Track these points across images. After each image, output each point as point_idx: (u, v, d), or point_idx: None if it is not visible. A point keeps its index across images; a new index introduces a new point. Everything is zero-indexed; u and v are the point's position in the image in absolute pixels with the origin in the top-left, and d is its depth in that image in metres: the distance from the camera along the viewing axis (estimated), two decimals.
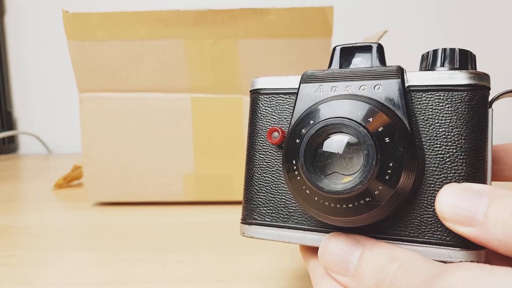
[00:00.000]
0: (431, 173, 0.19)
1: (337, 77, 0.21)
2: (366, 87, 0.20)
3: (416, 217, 0.19)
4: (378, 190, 0.17)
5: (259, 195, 0.23)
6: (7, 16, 1.05)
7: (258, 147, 0.23)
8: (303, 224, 0.21)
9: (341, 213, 0.18)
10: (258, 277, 0.29)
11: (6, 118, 1.05)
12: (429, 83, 0.19)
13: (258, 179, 0.23)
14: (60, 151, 1.07)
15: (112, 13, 0.44)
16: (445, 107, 0.19)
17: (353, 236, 0.19)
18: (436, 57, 0.21)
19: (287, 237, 0.22)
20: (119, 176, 0.47)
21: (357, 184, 0.17)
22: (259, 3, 0.45)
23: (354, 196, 0.18)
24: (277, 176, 0.22)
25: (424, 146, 0.19)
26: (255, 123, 0.23)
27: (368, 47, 0.21)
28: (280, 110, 0.23)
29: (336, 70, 0.21)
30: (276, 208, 0.22)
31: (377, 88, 0.19)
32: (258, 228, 0.23)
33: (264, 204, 0.23)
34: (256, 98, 0.24)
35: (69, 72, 0.48)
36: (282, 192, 0.22)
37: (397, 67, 0.19)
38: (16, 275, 0.30)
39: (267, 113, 0.23)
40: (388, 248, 0.18)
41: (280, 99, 0.23)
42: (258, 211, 0.23)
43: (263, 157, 0.23)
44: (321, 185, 0.18)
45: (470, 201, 0.17)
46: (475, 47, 0.26)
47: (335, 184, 0.18)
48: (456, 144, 0.19)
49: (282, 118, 0.23)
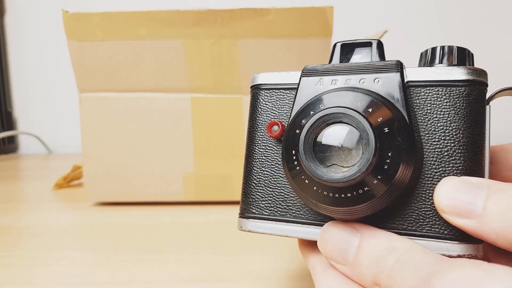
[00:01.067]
0: (430, 166, 0.19)
1: (338, 71, 0.21)
2: (366, 80, 0.20)
3: (414, 210, 0.19)
4: (377, 179, 0.18)
5: (257, 189, 0.23)
6: (7, 16, 1.05)
7: (257, 141, 0.23)
8: (301, 217, 0.22)
9: (339, 203, 0.18)
10: (258, 277, 0.29)
11: (6, 118, 1.05)
12: (427, 79, 0.19)
13: (257, 173, 0.23)
14: (60, 151, 1.07)
15: (112, 13, 0.44)
16: (444, 102, 0.19)
17: (352, 225, 0.19)
18: (435, 54, 0.21)
19: (285, 230, 0.22)
20: (119, 176, 0.47)
21: (356, 173, 0.17)
22: (259, 3, 0.45)
23: (353, 185, 0.18)
24: (276, 170, 0.23)
25: (423, 140, 0.19)
26: (255, 118, 0.24)
27: (368, 43, 0.22)
28: (280, 105, 0.23)
29: (336, 64, 0.21)
30: (274, 202, 0.22)
31: (377, 82, 0.20)
32: (256, 222, 0.23)
33: (262, 198, 0.23)
34: (256, 93, 0.24)
35: (69, 72, 0.48)
36: (281, 185, 0.22)
37: (396, 62, 0.20)
38: (16, 275, 0.30)
39: (268, 108, 0.23)
40: (386, 237, 0.18)
41: (280, 94, 0.23)
42: (256, 204, 0.23)
43: (262, 151, 0.23)
44: (320, 174, 0.18)
45: (469, 193, 0.17)
46: (475, 47, 0.26)
47: (334, 173, 0.18)
48: (454, 138, 0.19)
49: (282, 112, 0.23)
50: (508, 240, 0.15)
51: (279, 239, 0.25)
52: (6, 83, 1.06)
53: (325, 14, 0.43)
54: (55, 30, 0.64)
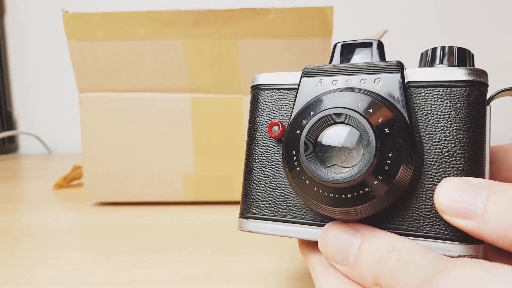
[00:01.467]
0: (430, 167, 0.19)
1: (338, 71, 0.21)
2: (366, 80, 0.20)
3: (414, 210, 0.19)
4: (377, 180, 0.18)
5: (258, 189, 0.23)
6: (7, 16, 1.05)
7: (258, 142, 0.23)
8: (302, 218, 0.22)
9: (340, 203, 0.18)
10: (258, 277, 0.29)
11: (6, 118, 1.05)
12: (428, 79, 0.19)
13: (257, 173, 0.23)
14: (60, 151, 1.07)
15: (112, 13, 0.44)
16: (444, 103, 0.19)
17: (353, 225, 0.19)
18: (435, 54, 0.21)
19: (285, 231, 0.22)
20: (119, 176, 0.47)
21: (357, 173, 0.17)
22: (259, 3, 0.45)
23: (353, 186, 0.18)
24: (276, 170, 0.23)
25: (423, 140, 0.19)
26: (256, 118, 0.24)
27: (369, 43, 0.22)
28: (281, 105, 0.23)
29: (337, 65, 0.21)
30: (274, 202, 0.22)
31: (377, 82, 0.20)
32: (256, 222, 0.23)
33: (262, 198, 0.23)
34: (257, 93, 0.24)
35: (69, 72, 0.48)
36: (281, 186, 0.22)
37: (397, 62, 0.20)
38: (16, 275, 0.30)
39: (268, 108, 0.23)
40: (387, 238, 0.18)
41: (280, 95, 0.23)
42: (256, 205, 0.23)
43: (262, 151, 0.23)
44: (321, 174, 0.18)
45: (469, 194, 0.17)
46: (475, 47, 0.26)
47: (334, 174, 0.18)
48: (454, 138, 0.19)
49: (283, 113, 0.23)
50: (508, 240, 0.15)
51: (279, 239, 0.25)
52: (6, 83, 1.06)
53: (325, 14, 0.43)
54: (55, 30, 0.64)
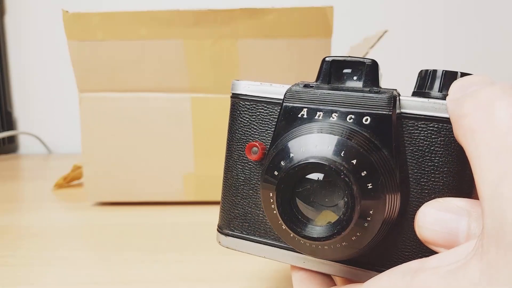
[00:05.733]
0: (415, 207, 0.18)
1: (323, 101, 0.19)
2: (353, 117, 0.18)
3: (399, 247, 0.19)
4: (356, 236, 0.17)
5: (236, 207, 0.22)
6: (7, 16, 1.05)
7: (236, 157, 0.22)
8: (281, 241, 0.21)
9: (317, 252, 0.18)
10: (258, 277, 0.29)
11: (6, 118, 1.05)
12: (422, 113, 0.18)
13: (236, 190, 0.22)
14: (60, 151, 1.06)
15: (112, 13, 0.44)
16: (437, 140, 0.18)
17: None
18: (434, 79, 0.20)
19: (264, 252, 0.21)
20: (119, 176, 0.47)
21: (334, 234, 0.17)
22: (259, 3, 0.45)
23: (331, 241, 0.17)
24: (255, 190, 0.21)
25: (410, 179, 0.18)
26: (235, 130, 0.22)
27: (361, 63, 0.20)
28: (261, 121, 0.21)
29: (322, 92, 0.19)
30: (253, 223, 0.21)
31: (366, 121, 0.18)
32: (235, 239, 0.22)
33: (241, 217, 0.22)
34: (236, 103, 0.22)
35: (69, 72, 0.48)
36: (260, 207, 0.21)
37: (388, 97, 0.18)
38: (16, 275, 0.30)
39: (248, 122, 0.22)
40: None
41: (261, 109, 0.21)
42: (235, 223, 0.22)
43: (241, 169, 0.22)
44: (297, 229, 0.17)
45: (449, 222, 0.16)
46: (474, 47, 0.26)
47: (311, 229, 0.17)
48: (444, 181, 0.18)
49: (264, 130, 0.21)
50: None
51: None
52: (6, 83, 1.06)
53: (325, 14, 0.43)
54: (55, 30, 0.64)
